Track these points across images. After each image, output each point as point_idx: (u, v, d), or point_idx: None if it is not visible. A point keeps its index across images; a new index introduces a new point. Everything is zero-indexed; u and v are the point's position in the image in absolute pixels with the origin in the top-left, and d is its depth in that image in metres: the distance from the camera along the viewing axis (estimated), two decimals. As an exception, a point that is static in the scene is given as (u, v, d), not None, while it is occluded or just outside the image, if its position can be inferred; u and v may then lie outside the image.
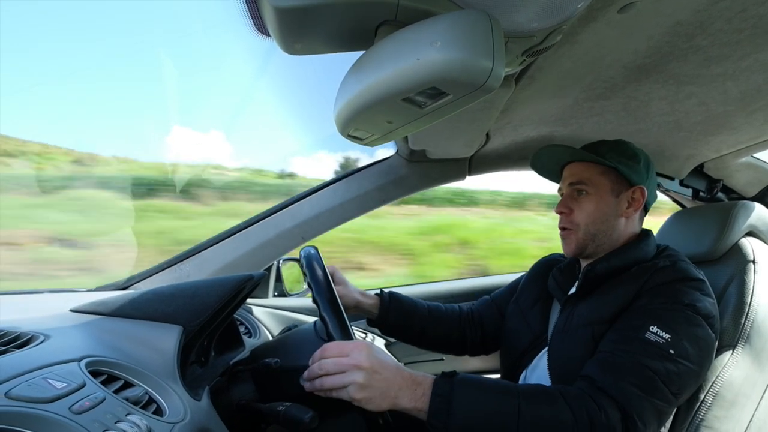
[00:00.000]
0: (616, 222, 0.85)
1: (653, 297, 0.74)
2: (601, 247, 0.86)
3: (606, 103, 0.88)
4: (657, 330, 0.69)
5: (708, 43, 0.64)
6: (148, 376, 0.54)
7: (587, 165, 0.87)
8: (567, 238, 0.88)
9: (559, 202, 0.90)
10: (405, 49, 0.46)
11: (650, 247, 0.85)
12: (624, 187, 0.85)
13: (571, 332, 0.81)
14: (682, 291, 0.73)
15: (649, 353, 0.67)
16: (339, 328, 0.70)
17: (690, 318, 0.70)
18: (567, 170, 0.91)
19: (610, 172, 0.85)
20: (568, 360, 0.80)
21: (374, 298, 1.00)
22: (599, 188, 0.85)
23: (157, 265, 1.10)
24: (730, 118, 0.91)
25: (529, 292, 1.00)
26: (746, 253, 0.91)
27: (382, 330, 1.02)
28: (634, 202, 0.86)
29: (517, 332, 0.95)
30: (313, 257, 0.78)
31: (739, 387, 0.77)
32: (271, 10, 0.47)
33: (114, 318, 0.68)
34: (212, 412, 0.61)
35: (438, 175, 1.22)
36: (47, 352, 0.47)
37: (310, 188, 1.20)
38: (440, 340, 1.05)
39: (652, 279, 0.76)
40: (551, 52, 0.63)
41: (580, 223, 0.86)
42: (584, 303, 0.83)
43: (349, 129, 0.60)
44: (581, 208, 0.86)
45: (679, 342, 0.68)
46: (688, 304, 0.71)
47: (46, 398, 0.37)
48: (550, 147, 0.88)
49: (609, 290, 0.81)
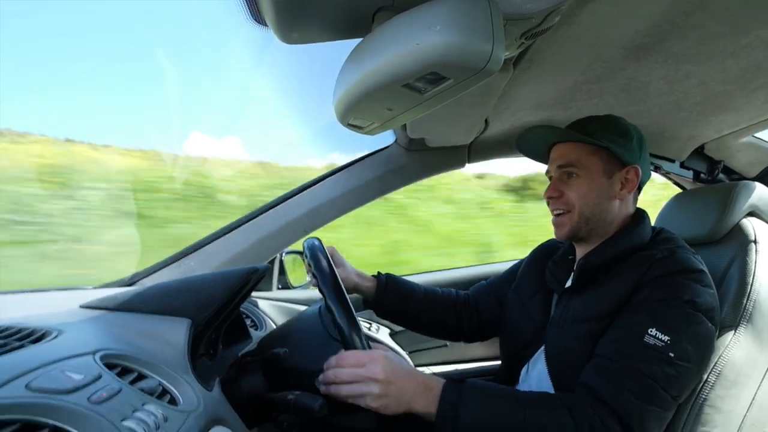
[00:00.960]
0: (609, 204, 0.82)
1: (652, 291, 0.72)
2: (595, 231, 0.83)
3: (605, 84, 0.88)
4: (656, 332, 0.67)
5: (707, 19, 0.63)
6: (160, 368, 0.55)
7: (576, 145, 0.82)
8: (560, 222, 0.84)
9: (549, 186, 0.85)
10: (404, 35, 0.46)
11: (646, 230, 0.82)
12: (617, 167, 0.81)
13: (568, 326, 0.80)
14: (681, 284, 0.71)
15: (648, 358, 0.67)
16: (346, 319, 0.71)
17: (689, 316, 0.69)
18: (555, 151, 0.86)
19: (601, 152, 0.81)
20: (565, 355, 0.79)
21: (372, 280, 0.98)
22: (590, 170, 0.81)
23: (162, 261, 1.11)
24: (731, 98, 0.91)
25: (528, 280, 0.98)
26: (747, 234, 0.91)
27: (378, 312, 1.00)
28: (628, 183, 0.82)
29: (518, 323, 0.94)
30: (316, 248, 0.78)
31: (741, 366, 0.78)
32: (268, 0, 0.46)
33: (123, 313, 0.68)
34: (224, 401, 0.62)
35: (437, 164, 1.22)
36: (62, 346, 0.47)
37: (310, 180, 1.20)
38: (436, 326, 1.05)
39: (650, 271, 0.74)
40: (549, 34, 0.63)
41: (575, 205, 0.82)
42: (580, 297, 0.81)
43: (349, 118, 0.60)
44: (572, 190, 0.82)
45: (679, 343, 0.67)
46: (688, 300, 0.70)
47: (66, 389, 0.38)
48: (536, 128, 0.83)
49: (605, 283, 0.79)
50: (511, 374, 0.94)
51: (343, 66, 0.55)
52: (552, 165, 0.86)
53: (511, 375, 0.94)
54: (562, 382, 0.79)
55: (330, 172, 1.20)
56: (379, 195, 1.21)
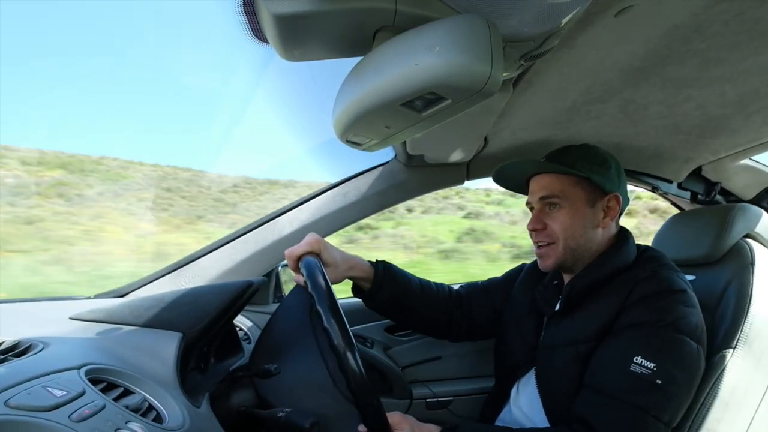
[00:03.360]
0: (594, 233, 0.82)
1: (636, 314, 0.73)
2: (580, 260, 0.84)
3: (604, 106, 0.88)
4: (641, 360, 0.68)
5: (705, 46, 0.64)
6: (147, 383, 0.53)
7: (557, 176, 0.83)
8: (545, 254, 0.84)
9: (532, 219, 0.85)
10: (403, 55, 0.46)
11: (630, 251, 0.82)
12: (598, 195, 0.82)
13: (557, 349, 0.81)
14: (664, 306, 0.72)
15: (636, 388, 0.68)
16: (342, 340, 0.70)
17: (674, 339, 0.70)
18: (535, 182, 0.86)
19: (583, 182, 0.81)
20: (555, 377, 0.80)
21: (367, 270, 0.90)
22: (573, 200, 0.81)
23: (157, 272, 1.09)
24: (728, 121, 0.91)
25: (523, 297, 0.98)
26: (745, 256, 0.91)
27: (368, 304, 0.94)
28: (610, 211, 0.83)
29: (511, 342, 0.94)
30: (313, 265, 0.78)
31: (738, 389, 0.77)
32: (269, 17, 0.47)
33: (114, 325, 0.67)
34: (212, 418, 0.61)
35: (436, 180, 1.22)
36: (46, 360, 0.46)
37: (309, 194, 1.20)
38: (426, 323, 1.01)
39: (634, 292, 0.75)
40: (549, 56, 0.63)
41: (559, 236, 0.82)
42: (567, 320, 0.82)
43: (348, 134, 0.60)
44: (556, 222, 0.82)
45: (665, 369, 0.68)
46: (671, 322, 0.70)
47: (46, 407, 0.37)
48: (514, 162, 0.84)
49: (591, 305, 0.79)
50: (502, 393, 0.94)
51: (343, 83, 0.56)
52: (533, 197, 0.86)
53: (502, 393, 0.95)
54: (553, 403, 0.80)
55: (329, 186, 1.20)
56: (377, 210, 1.21)
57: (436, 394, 1.27)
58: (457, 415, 1.27)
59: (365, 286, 0.92)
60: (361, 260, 0.91)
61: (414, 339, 1.33)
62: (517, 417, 0.90)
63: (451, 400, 1.28)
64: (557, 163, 0.82)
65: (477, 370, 1.32)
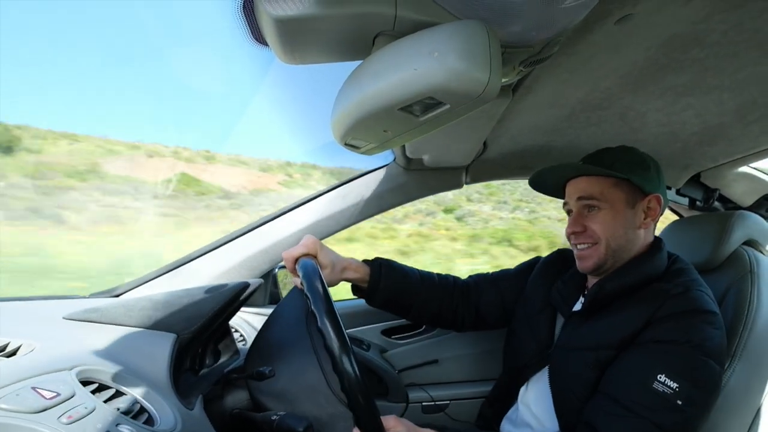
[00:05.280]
0: (635, 235, 0.81)
1: (663, 331, 0.71)
2: (620, 262, 0.81)
3: (603, 113, 0.88)
4: (665, 379, 0.67)
5: (704, 55, 0.64)
6: (140, 384, 0.53)
7: (596, 178, 0.81)
8: (587, 255, 0.82)
9: (571, 221, 0.83)
10: (402, 59, 0.46)
11: (662, 260, 0.80)
12: (638, 197, 0.81)
13: (575, 352, 0.79)
14: (693, 326, 0.70)
15: (655, 406, 0.67)
16: (337, 342, 0.70)
17: (699, 362, 0.68)
18: (572, 186, 0.84)
19: (623, 183, 0.80)
20: (570, 380, 0.78)
21: (362, 269, 0.91)
22: (614, 202, 0.80)
23: (152, 273, 1.09)
24: (727, 130, 0.91)
25: (536, 294, 0.95)
26: (744, 263, 0.91)
27: (370, 302, 0.94)
28: (651, 211, 0.81)
29: (522, 340, 0.92)
30: (309, 267, 0.77)
31: (737, 396, 0.77)
32: (270, 20, 0.47)
33: (107, 325, 0.67)
34: (205, 421, 0.61)
35: (435, 184, 1.22)
36: (37, 360, 0.46)
37: (308, 195, 1.20)
38: (431, 316, 1.00)
39: (663, 308, 0.72)
40: (549, 63, 0.63)
41: (601, 237, 0.80)
42: (589, 323, 0.80)
43: (347, 138, 0.60)
44: (596, 223, 0.80)
45: (687, 390, 0.67)
46: (698, 344, 0.68)
47: (34, 409, 0.37)
48: (552, 168, 0.83)
49: (617, 312, 0.77)
50: (510, 391, 0.93)
51: (342, 87, 0.56)
52: (571, 199, 0.84)
53: (510, 392, 0.93)
54: (564, 405, 0.79)
55: (328, 188, 1.20)
56: (375, 212, 1.20)
57: (432, 398, 1.27)
58: (454, 419, 1.27)
59: (363, 285, 0.92)
60: (356, 261, 0.91)
61: (411, 342, 1.33)
62: (524, 416, 0.89)
63: (448, 403, 1.27)
64: (595, 164, 0.81)
65: (474, 373, 1.32)
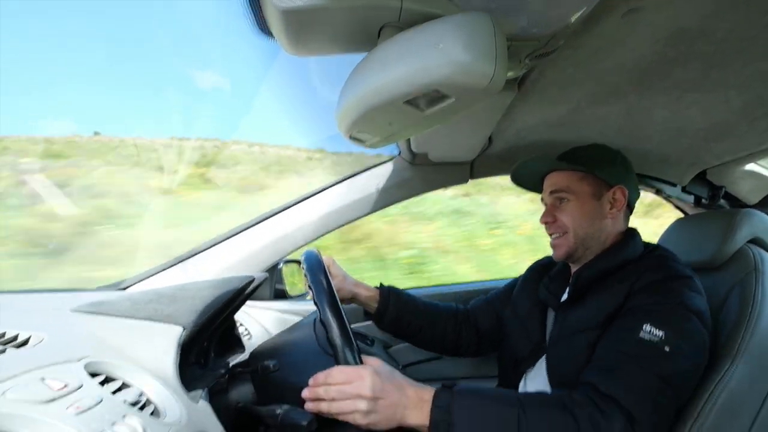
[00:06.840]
0: (602, 224, 0.88)
1: (644, 296, 0.75)
2: (590, 250, 0.89)
3: (609, 108, 0.88)
4: (650, 328, 0.70)
5: (711, 50, 0.64)
6: (146, 376, 0.53)
7: (566, 173, 0.90)
8: (558, 244, 0.90)
9: (544, 212, 0.92)
10: (407, 52, 0.46)
11: (637, 246, 0.87)
12: (604, 189, 0.88)
13: (567, 338, 0.82)
14: (671, 288, 0.74)
15: (644, 354, 0.68)
16: (340, 334, 0.70)
17: (682, 314, 0.72)
18: (546, 180, 0.94)
19: (589, 177, 0.88)
20: (566, 366, 0.80)
21: (373, 291, 1.00)
22: (580, 194, 0.88)
23: (158, 266, 1.10)
24: (733, 126, 0.91)
25: (525, 297, 1.01)
26: (748, 262, 0.90)
27: (379, 324, 1.02)
28: (616, 203, 0.88)
29: (516, 341, 0.96)
30: (314, 260, 0.78)
31: (739, 396, 0.76)
32: (275, 12, 0.47)
33: (114, 318, 0.67)
34: (210, 414, 0.61)
35: (440, 179, 1.21)
36: (45, 352, 0.46)
37: (313, 190, 1.20)
38: (436, 339, 1.06)
39: (641, 278, 0.78)
40: (554, 57, 0.63)
41: (569, 226, 0.88)
42: (576, 309, 0.85)
43: (352, 131, 0.60)
44: (565, 214, 0.89)
45: (673, 338, 0.69)
46: (680, 302, 0.72)
47: (43, 399, 0.37)
48: (526, 161, 0.91)
49: (599, 293, 0.82)
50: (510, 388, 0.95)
51: (347, 79, 0.56)
52: (545, 192, 0.94)
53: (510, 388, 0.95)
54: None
55: (332, 182, 1.20)
56: (380, 207, 1.20)
57: None
58: None
59: (372, 306, 1.00)
60: (365, 284, 1.01)
61: (414, 338, 1.33)
62: None
63: None
64: (565, 161, 0.88)
65: (477, 370, 1.32)
